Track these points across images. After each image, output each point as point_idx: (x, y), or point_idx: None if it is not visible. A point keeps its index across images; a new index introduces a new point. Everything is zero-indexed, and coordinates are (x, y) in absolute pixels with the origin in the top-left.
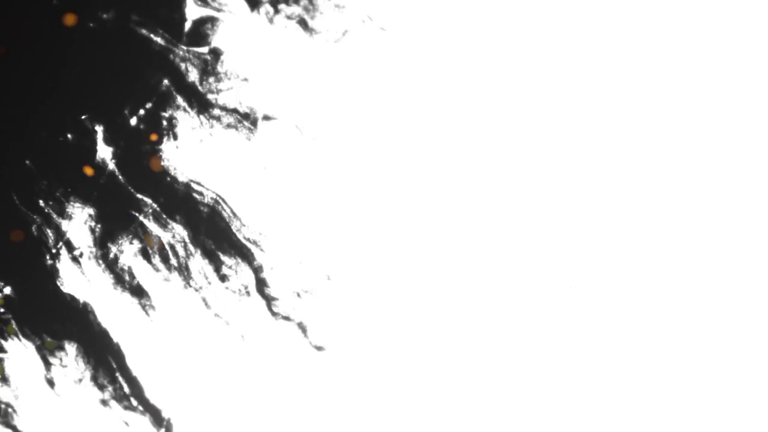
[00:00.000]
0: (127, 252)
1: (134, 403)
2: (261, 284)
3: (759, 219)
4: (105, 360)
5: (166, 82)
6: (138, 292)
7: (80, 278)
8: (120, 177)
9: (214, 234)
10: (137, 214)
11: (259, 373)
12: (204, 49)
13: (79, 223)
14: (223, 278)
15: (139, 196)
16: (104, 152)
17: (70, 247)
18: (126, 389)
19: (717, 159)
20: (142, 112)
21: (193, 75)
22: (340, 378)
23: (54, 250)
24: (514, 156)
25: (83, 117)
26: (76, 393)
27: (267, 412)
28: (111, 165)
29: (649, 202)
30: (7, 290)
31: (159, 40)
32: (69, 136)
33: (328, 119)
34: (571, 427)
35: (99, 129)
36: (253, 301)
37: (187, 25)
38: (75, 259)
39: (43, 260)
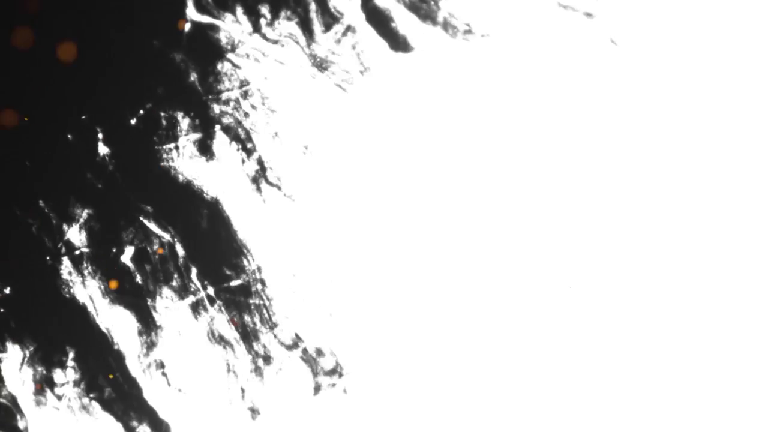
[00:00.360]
0: (127, 253)
1: (133, 405)
2: (261, 286)
3: (759, 220)
4: (104, 361)
5: (166, 82)
6: (137, 293)
7: (80, 279)
8: (120, 178)
9: (214, 235)
10: (137, 215)
11: (259, 375)
12: (204, 51)
13: (78, 223)
14: (222, 280)
15: (139, 196)
16: (104, 153)
17: (69, 248)
18: (125, 392)
19: (717, 160)
20: (141, 112)
21: (193, 76)
22: (340, 378)
23: (54, 251)
24: (512, 157)
25: (83, 117)
26: (74, 394)
27: (267, 415)
28: (111, 166)
29: (649, 203)
30: (7, 290)
31: (158, 40)
32: (69, 136)
33: (329, 121)
34: (573, 427)
35: (99, 129)
36: (253, 303)
37: (187, 26)
38: (74, 260)
39: (43, 260)
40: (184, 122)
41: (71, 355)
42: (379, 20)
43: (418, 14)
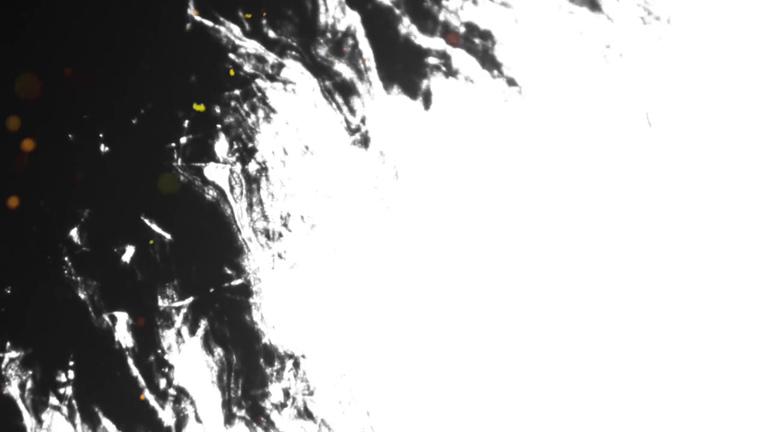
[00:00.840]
0: (128, 252)
1: (134, 405)
2: (262, 285)
3: (759, 221)
4: (107, 362)
5: (168, 81)
6: (139, 292)
7: (81, 279)
8: (120, 177)
9: (215, 234)
10: (138, 214)
11: (260, 375)
12: (205, 51)
13: (79, 223)
14: (224, 279)
15: (140, 196)
16: (106, 152)
17: (71, 247)
18: (127, 392)
19: (717, 162)
20: (142, 111)
21: (195, 75)
22: (340, 379)
23: (54, 250)
24: (512, 158)
25: (84, 116)
26: (75, 394)
27: (268, 416)
28: (112, 165)
29: (649, 205)
30: (7, 290)
31: (160, 40)
32: (70, 136)
33: (329, 121)
34: (574, 427)
35: (100, 128)
36: (254, 302)
37: (188, 26)
38: (76, 259)
39: (44, 260)
40: (185, 122)
41: (72, 355)
42: (380, 21)
43: (417, 17)
